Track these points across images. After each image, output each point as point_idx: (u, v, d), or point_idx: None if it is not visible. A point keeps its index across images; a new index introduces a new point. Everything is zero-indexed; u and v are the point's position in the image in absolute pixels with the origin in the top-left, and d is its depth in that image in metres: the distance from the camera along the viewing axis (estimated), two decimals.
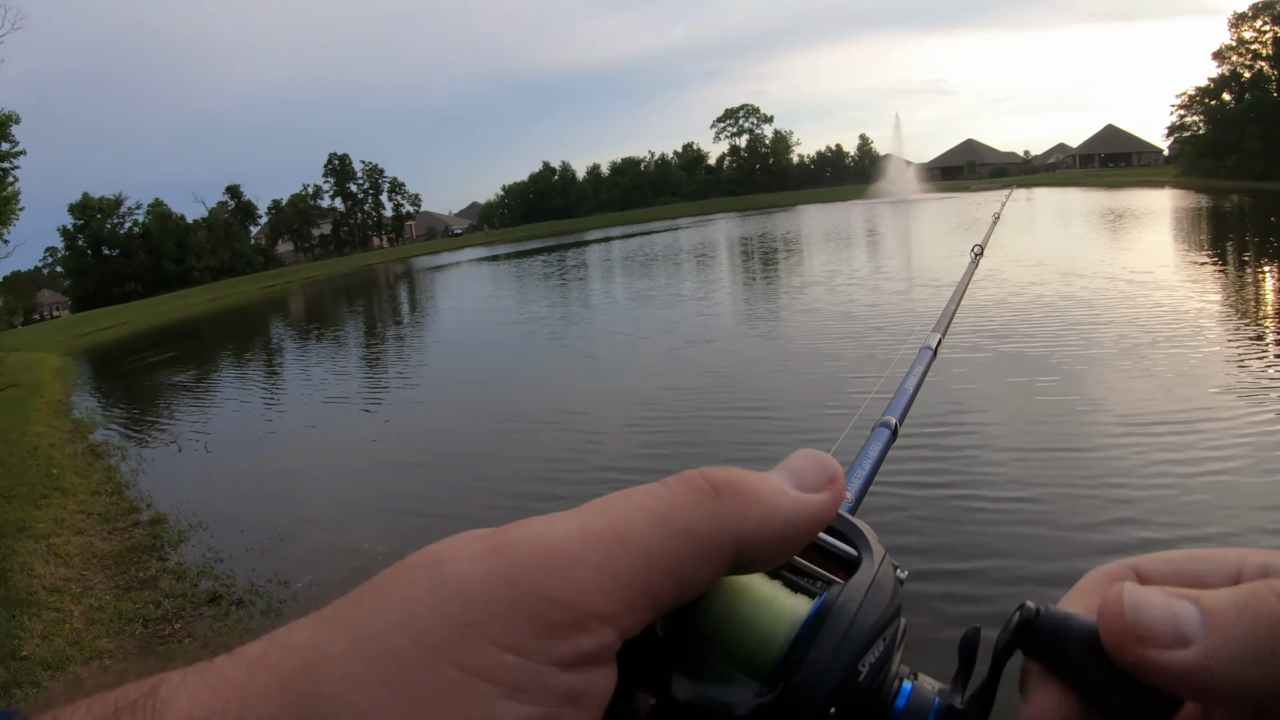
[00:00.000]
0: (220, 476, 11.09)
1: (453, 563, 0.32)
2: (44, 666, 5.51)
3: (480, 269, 51.56)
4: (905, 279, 19.18)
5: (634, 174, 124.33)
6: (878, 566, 0.41)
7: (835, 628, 0.37)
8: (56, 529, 8.70)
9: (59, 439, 14.40)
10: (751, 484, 0.37)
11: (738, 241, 39.86)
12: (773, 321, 16.12)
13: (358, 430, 12.52)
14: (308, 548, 7.78)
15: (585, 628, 0.31)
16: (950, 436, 7.76)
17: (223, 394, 18.60)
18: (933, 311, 8.63)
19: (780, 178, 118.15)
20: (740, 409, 9.91)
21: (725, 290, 22.10)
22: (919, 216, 44.00)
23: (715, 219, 74.41)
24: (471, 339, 21.08)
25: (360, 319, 32.11)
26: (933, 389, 9.25)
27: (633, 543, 0.33)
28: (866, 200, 73.19)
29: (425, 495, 8.75)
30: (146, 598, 6.79)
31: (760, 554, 0.37)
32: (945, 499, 6.43)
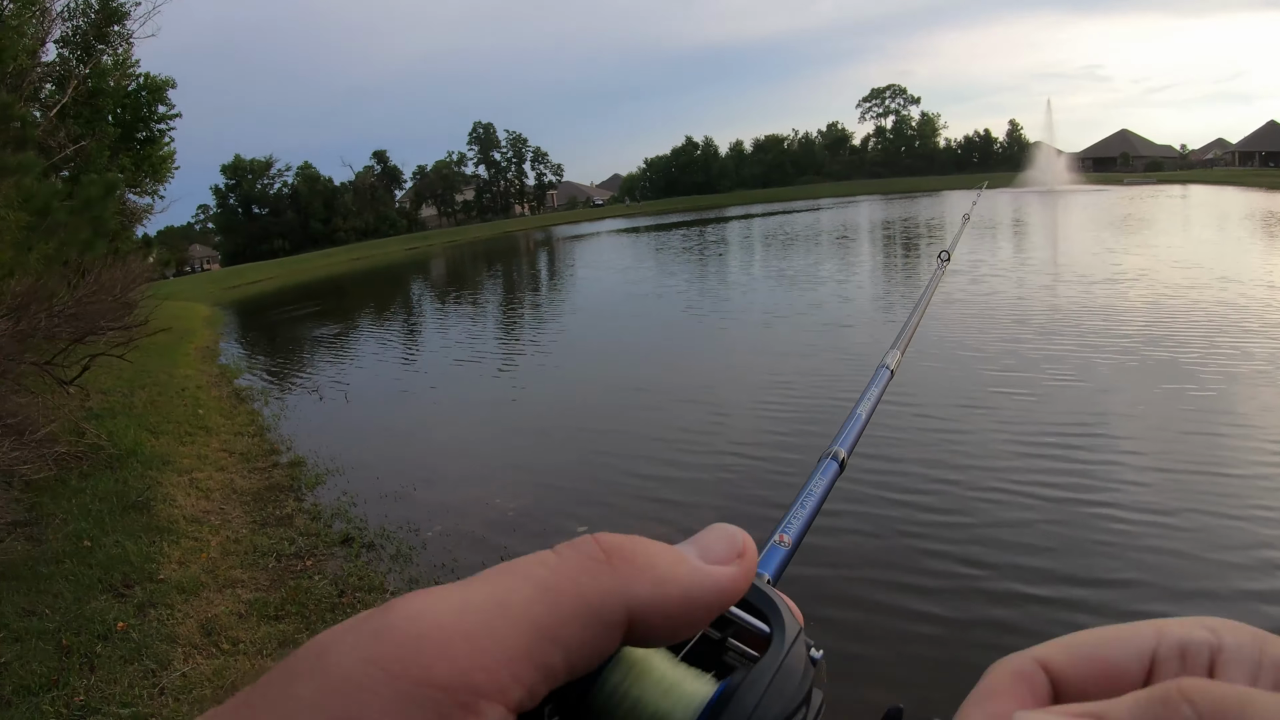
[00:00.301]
0: (358, 426, 11.44)
1: (332, 653, 0.30)
2: (179, 590, 5.70)
3: (620, 240, 51.94)
4: (1051, 274, 18.35)
5: (777, 151, 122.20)
6: (787, 649, 0.38)
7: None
8: (199, 464, 9.03)
9: (206, 382, 15.08)
10: (647, 551, 0.36)
11: (880, 225, 38.89)
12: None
13: (490, 392, 12.79)
14: (438, 499, 7.92)
15: (471, 709, 0.29)
16: (1088, 442, 7.38)
17: (363, 349, 19.21)
18: (1079, 310, 8.16)
19: (926, 161, 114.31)
20: None
21: (865, 274, 21.60)
22: (1068, 209, 41.96)
23: (858, 201, 72.79)
24: (607, 309, 21.25)
25: (499, 284, 32.76)
26: (1075, 393, 8.90)
27: (515, 610, 0.32)
28: (1014, 189, 70.38)
29: (552, 462, 8.87)
30: (281, 534, 7.01)
31: (656, 625, 0.35)
32: (1077, 510, 6.09)
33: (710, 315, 17.27)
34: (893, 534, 5.96)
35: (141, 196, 33.30)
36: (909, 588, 5.19)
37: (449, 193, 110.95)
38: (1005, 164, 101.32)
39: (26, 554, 6.16)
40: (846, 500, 6.44)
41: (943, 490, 6.60)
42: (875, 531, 5.97)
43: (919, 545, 5.73)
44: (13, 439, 7.27)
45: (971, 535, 5.79)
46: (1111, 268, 17.40)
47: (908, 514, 6.23)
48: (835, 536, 6.05)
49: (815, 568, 5.44)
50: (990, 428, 8.01)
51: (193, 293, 44.11)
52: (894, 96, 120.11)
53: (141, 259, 17.20)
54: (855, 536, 5.95)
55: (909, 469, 7.06)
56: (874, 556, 5.64)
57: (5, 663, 4.70)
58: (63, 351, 10.35)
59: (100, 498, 7.55)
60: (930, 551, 5.60)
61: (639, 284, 24.94)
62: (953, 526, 5.96)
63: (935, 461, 7.24)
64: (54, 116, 22.77)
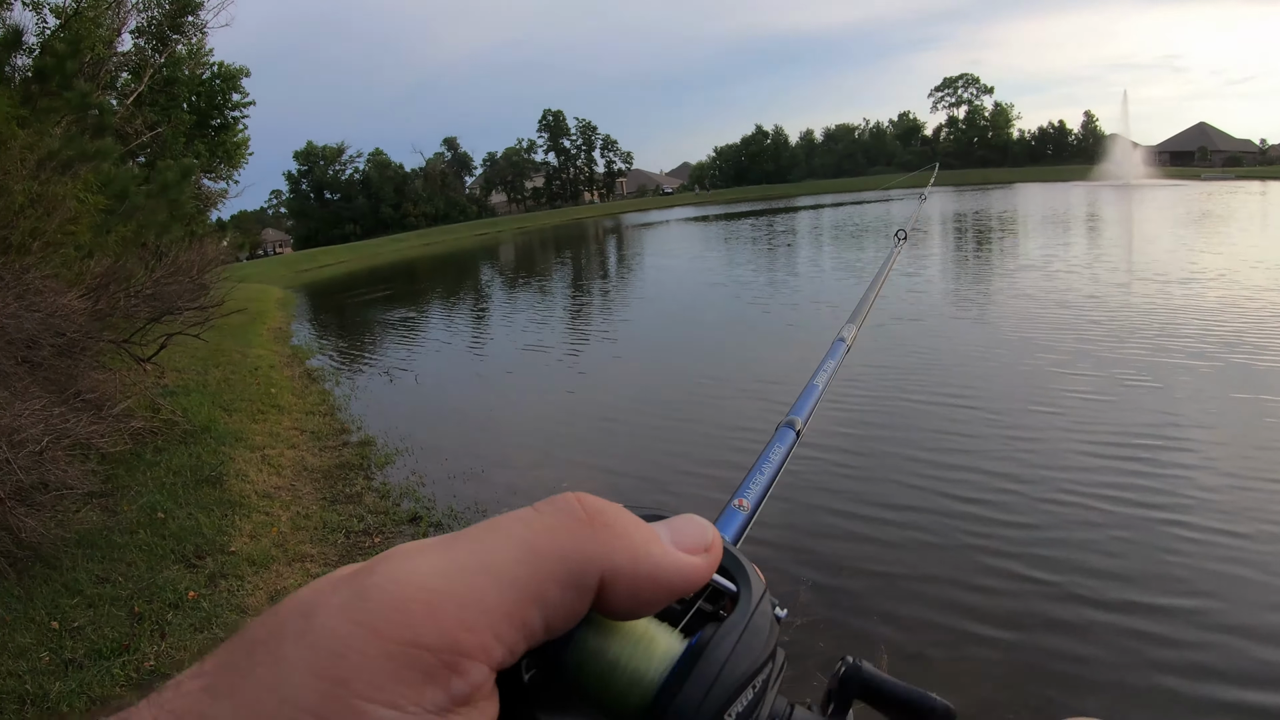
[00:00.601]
0: (428, 408, 11.52)
1: (319, 614, 0.31)
2: (249, 563, 5.75)
3: (689, 228, 51.55)
4: (1126, 270, 17.40)
5: (848, 141, 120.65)
6: (754, 606, 0.39)
7: (705, 674, 0.36)
8: (271, 442, 9.13)
9: (278, 362, 15.32)
10: (626, 521, 0.37)
11: (952, 217, 37.87)
12: (984, 305, 14.98)
13: (558, 379, 12.75)
14: (506, 482, 7.92)
15: (456, 669, 0.31)
16: (1161, 451, 6.91)
17: (433, 332, 19.39)
18: (1154, 310, 7.72)
19: (999, 153, 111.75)
20: (940, 395, 9.23)
21: (936, 267, 20.88)
22: (1144, 203, 39.90)
23: (929, 192, 71.20)
24: (674, 298, 20.98)
25: (567, 271, 32.73)
26: (1147, 397, 8.49)
27: (499, 572, 0.33)
28: (1089, 182, 68.32)
29: (618, 450, 8.80)
30: (351, 511, 7.05)
31: (622, 595, 0.35)
32: (1148, 521, 5.69)
33: (777, 307, 16.90)
34: (954, 539, 5.70)
35: (216, 181, 34.12)
36: (969, 594, 4.92)
37: (519, 179, 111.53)
38: (1080, 156, 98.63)
39: (102, 524, 6.28)
40: (908, 502, 6.26)
41: (1008, 497, 6.27)
42: (937, 535, 5.73)
43: (981, 555, 5.43)
44: (91, 413, 7.41)
45: (1035, 542, 5.50)
46: (1189, 266, 16.50)
47: (970, 520, 5.92)
48: (897, 531, 5.87)
49: (873, 571, 5.27)
50: (1059, 432, 7.61)
51: (266, 275, 45.00)
52: (966, 86, 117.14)
53: (216, 242, 17.54)
54: (916, 533, 5.76)
55: (973, 474, 6.75)
56: (936, 562, 5.38)
57: (79, 627, 4.78)
58: (140, 330, 10.58)
59: (174, 471, 7.69)
60: (993, 567, 5.24)
61: (706, 273, 24.68)
62: (1017, 534, 5.66)
63: (1001, 465, 6.91)
64: (131, 104, 23.36)
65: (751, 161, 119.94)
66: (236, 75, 35.12)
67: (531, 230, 74.19)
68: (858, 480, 6.90)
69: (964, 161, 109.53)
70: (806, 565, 5.43)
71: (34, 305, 7.15)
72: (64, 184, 9.93)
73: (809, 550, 5.70)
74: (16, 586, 5.28)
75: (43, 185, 9.47)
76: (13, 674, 4.32)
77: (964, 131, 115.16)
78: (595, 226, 69.31)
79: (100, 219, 11.59)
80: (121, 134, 19.57)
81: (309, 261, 59.47)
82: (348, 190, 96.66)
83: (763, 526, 3.66)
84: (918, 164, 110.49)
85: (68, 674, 4.31)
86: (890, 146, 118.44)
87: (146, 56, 26.32)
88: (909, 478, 6.86)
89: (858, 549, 5.67)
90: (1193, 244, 21.44)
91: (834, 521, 6.12)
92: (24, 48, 14.19)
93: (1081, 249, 22.25)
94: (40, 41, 16.50)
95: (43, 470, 5.80)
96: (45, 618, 4.90)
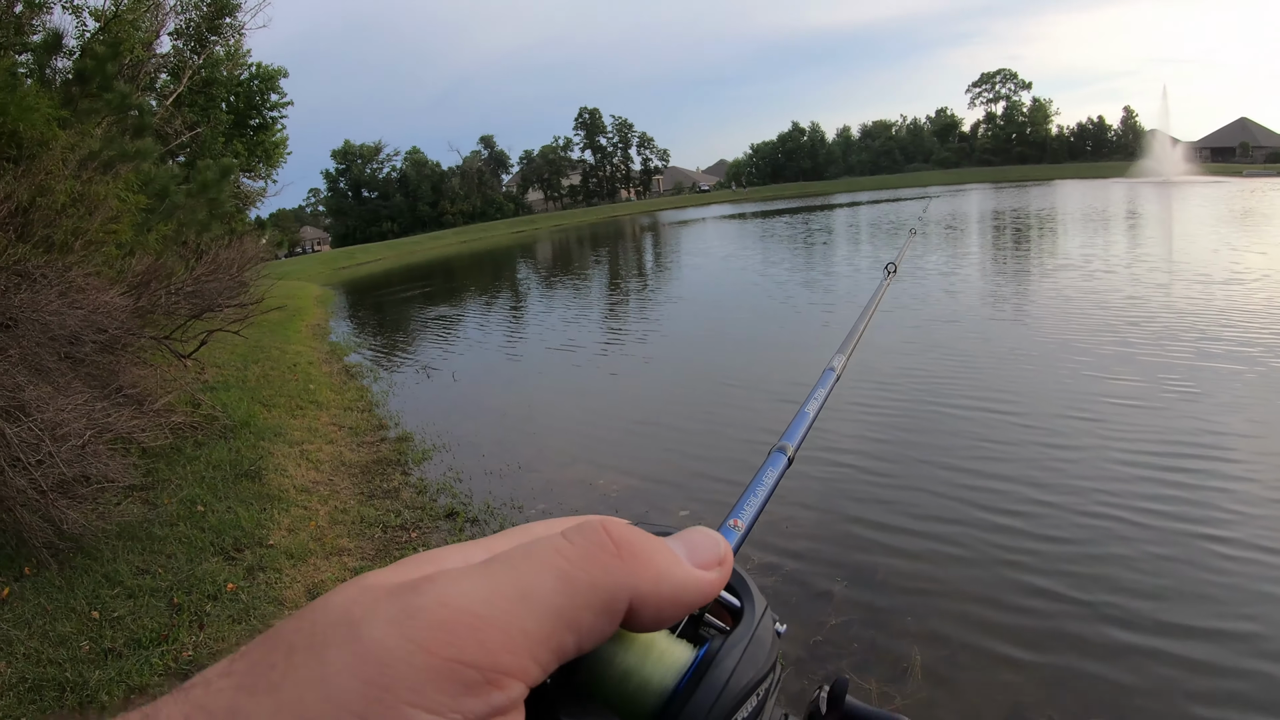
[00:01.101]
0: (465, 404, 11.56)
1: (366, 626, 0.33)
2: (287, 556, 5.79)
3: (725, 226, 51.19)
4: (1167, 271, 16.74)
5: (884, 138, 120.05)
6: (758, 620, 0.43)
7: (713, 683, 0.39)
8: (310, 437, 9.19)
9: (317, 358, 15.44)
10: (650, 547, 0.39)
11: (990, 215, 37.26)
12: (1021, 305, 14.55)
13: (595, 377, 12.78)
14: (543, 478, 7.91)
15: (496, 684, 0.33)
16: (1203, 463, 6.61)
17: (469, 330, 19.47)
18: (1196, 312, 7.44)
19: (1038, 149, 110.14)
20: (976, 401, 8.92)
21: (974, 266, 20.34)
22: (1184, 201, 38.69)
23: (968, 189, 70.04)
24: (708, 297, 20.73)
25: (603, 268, 32.60)
26: (1190, 405, 8.12)
27: (538, 602, 0.35)
28: (1128, 179, 67.21)
29: (654, 449, 8.70)
30: (388, 506, 7.07)
31: (647, 614, 0.38)
32: (1187, 537, 5.44)
33: (810, 309, 16.56)
34: (986, 553, 5.49)
35: (255, 180, 34.56)
36: (999, 612, 4.73)
37: (555, 177, 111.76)
38: (1120, 152, 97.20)
39: (142, 516, 6.34)
40: (939, 513, 6.12)
41: (1042, 509, 6.03)
42: (968, 548, 5.57)
43: (1014, 570, 5.22)
44: (132, 408, 7.50)
45: (1069, 559, 5.28)
46: (1231, 267, 15.94)
47: (1003, 532, 5.70)
48: (927, 543, 5.76)
49: (902, 586, 5.16)
50: (1096, 440, 7.32)
51: (304, 273, 45.50)
52: (1004, 81, 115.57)
53: (255, 240, 17.73)
54: (946, 546, 5.62)
55: (1006, 485, 6.54)
56: (967, 577, 5.20)
57: (118, 617, 4.83)
58: (181, 327, 10.69)
59: (214, 466, 7.76)
60: (1025, 584, 5.01)
61: (741, 272, 24.38)
62: (1050, 549, 5.42)
63: (1035, 476, 6.65)
64: (170, 105, 23.68)
65: (788, 159, 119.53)
66: (274, 76, 35.56)
67: (568, 228, 74.32)
68: (888, 488, 6.73)
69: (1002, 158, 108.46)
70: (835, 577, 5.32)
71: (76, 302, 7.23)
72: (105, 183, 10.05)
73: (838, 562, 5.58)
74: (58, 577, 5.35)
75: (84, 185, 9.59)
76: (53, 662, 4.37)
77: (1002, 128, 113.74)
78: (632, 224, 69.18)
79: (141, 217, 11.74)
80: (161, 134, 19.85)
81: (347, 259, 59.97)
82: (385, 188, 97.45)
83: (789, 536, 3.58)
84: (955, 162, 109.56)
85: (107, 663, 4.35)
86: (928, 143, 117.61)
87: (185, 58, 26.67)
88: (940, 486, 6.68)
89: (887, 562, 5.50)
90: (1235, 243, 20.71)
91: (863, 532, 5.98)
92: (64, 50, 14.43)
93: (1121, 248, 21.63)
94: (80, 44, 16.73)
95: (84, 464, 5.86)
96: (86, 608, 4.95)
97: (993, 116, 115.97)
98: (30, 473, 5.31)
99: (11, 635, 4.60)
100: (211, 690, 0.32)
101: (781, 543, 5.86)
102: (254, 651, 0.34)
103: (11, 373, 5.78)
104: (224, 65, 29.60)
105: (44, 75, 13.59)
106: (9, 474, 5.19)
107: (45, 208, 8.64)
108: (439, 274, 40.27)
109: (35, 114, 9.37)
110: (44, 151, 9.33)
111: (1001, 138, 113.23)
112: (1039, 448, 7.29)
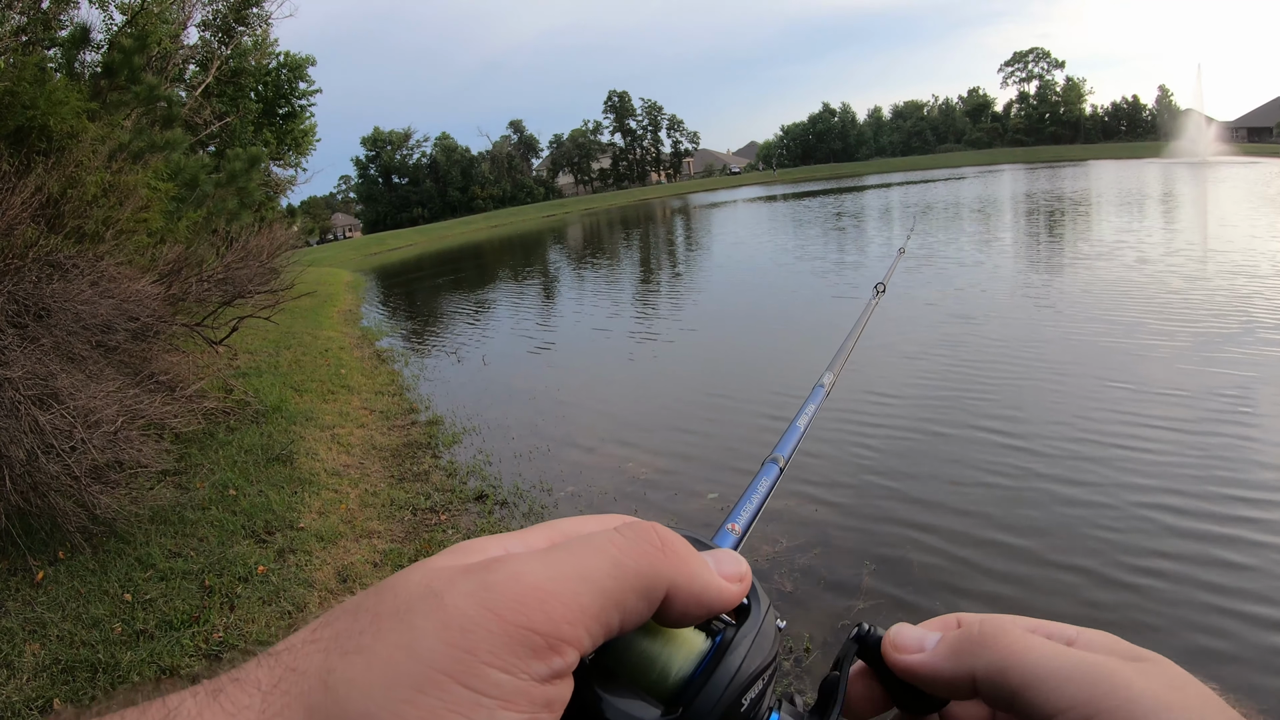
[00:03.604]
0: (495, 388, 11.57)
1: (449, 596, 0.38)
2: (317, 539, 5.83)
3: (756, 208, 50.82)
4: (1200, 260, 15.26)
5: (916, 118, 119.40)
6: (763, 616, 0.49)
7: (727, 668, 0.45)
8: (341, 421, 9.25)
9: (348, 343, 15.54)
10: (688, 551, 0.46)
11: (1023, 198, 36.17)
12: (1047, 299, 13.15)
13: (624, 359, 12.78)
14: (572, 461, 7.92)
15: (557, 651, 0.38)
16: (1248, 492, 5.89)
17: (500, 314, 19.51)
18: (1236, 305, 7.06)
19: (1071, 129, 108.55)
20: (985, 424, 8.47)
21: (1007, 257, 18.80)
22: (1219, 183, 37.03)
23: (1000, 170, 68.87)
24: (741, 280, 20.60)
25: (634, 252, 32.42)
26: (1235, 410, 7.32)
27: (594, 583, 0.41)
28: (1163, 159, 65.68)
29: (684, 431, 8.62)
30: (418, 489, 7.11)
31: (676, 609, 0.45)
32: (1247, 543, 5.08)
33: (838, 297, 15.54)
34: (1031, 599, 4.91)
35: (285, 169, 34.95)
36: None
37: (585, 161, 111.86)
38: (1155, 132, 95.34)
39: (175, 500, 6.41)
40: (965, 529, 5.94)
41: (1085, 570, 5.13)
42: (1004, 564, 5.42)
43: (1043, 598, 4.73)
44: (164, 394, 7.58)
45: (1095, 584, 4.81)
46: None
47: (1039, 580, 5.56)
48: (959, 552, 5.66)
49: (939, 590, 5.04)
50: (1120, 477, 6.24)
51: (335, 259, 45.81)
52: (1037, 60, 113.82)
53: (286, 227, 17.81)
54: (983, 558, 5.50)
55: (1046, 552, 6.05)
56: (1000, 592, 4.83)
57: (150, 599, 4.89)
58: (212, 314, 10.78)
59: (246, 450, 7.83)
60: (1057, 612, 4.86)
61: (773, 254, 24.02)
62: (1074, 578, 4.88)
63: (1070, 538, 5.44)
64: (199, 95, 23.83)
65: (819, 140, 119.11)
66: (303, 64, 35.78)
67: (599, 211, 74.24)
68: (919, 507, 6.52)
69: (1035, 138, 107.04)
70: (860, 589, 5.25)
71: (108, 291, 7.31)
72: (135, 173, 10.15)
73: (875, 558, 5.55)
74: (92, 560, 5.42)
75: (114, 175, 9.68)
76: (86, 644, 4.43)
77: (1035, 108, 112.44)
78: (662, 207, 68.92)
79: (172, 206, 11.84)
80: (190, 124, 20.02)
81: (378, 245, 60.32)
82: (415, 174, 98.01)
83: (826, 549, 3.45)
84: (988, 142, 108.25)
85: (139, 644, 4.40)
86: (960, 123, 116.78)
87: (213, 49, 26.85)
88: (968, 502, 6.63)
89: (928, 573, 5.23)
90: (1270, 230, 18.91)
91: (899, 547, 5.65)
92: (92, 44, 14.55)
93: (1157, 235, 19.80)
94: (107, 38, 16.88)
95: (117, 449, 5.93)
96: (119, 590, 5.02)
97: (1025, 96, 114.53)
98: (64, 459, 5.38)
99: (46, 618, 4.68)
100: (300, 654, 0.38)
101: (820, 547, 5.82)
102: (339, 620, 0.39)
103: (45, 361, 5.84)
104: (252, 55, 29.78)
105: (72, 69, 13.73)
106: (43, 460, 5.26)
107: (76, 199, 8.74)
108: (469, 259, 40.42)
109: (64, 107, 9.45)
110: (74, 144, 9.42)
111: (1034, 118, 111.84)
112: (1061, 510, 6.96)
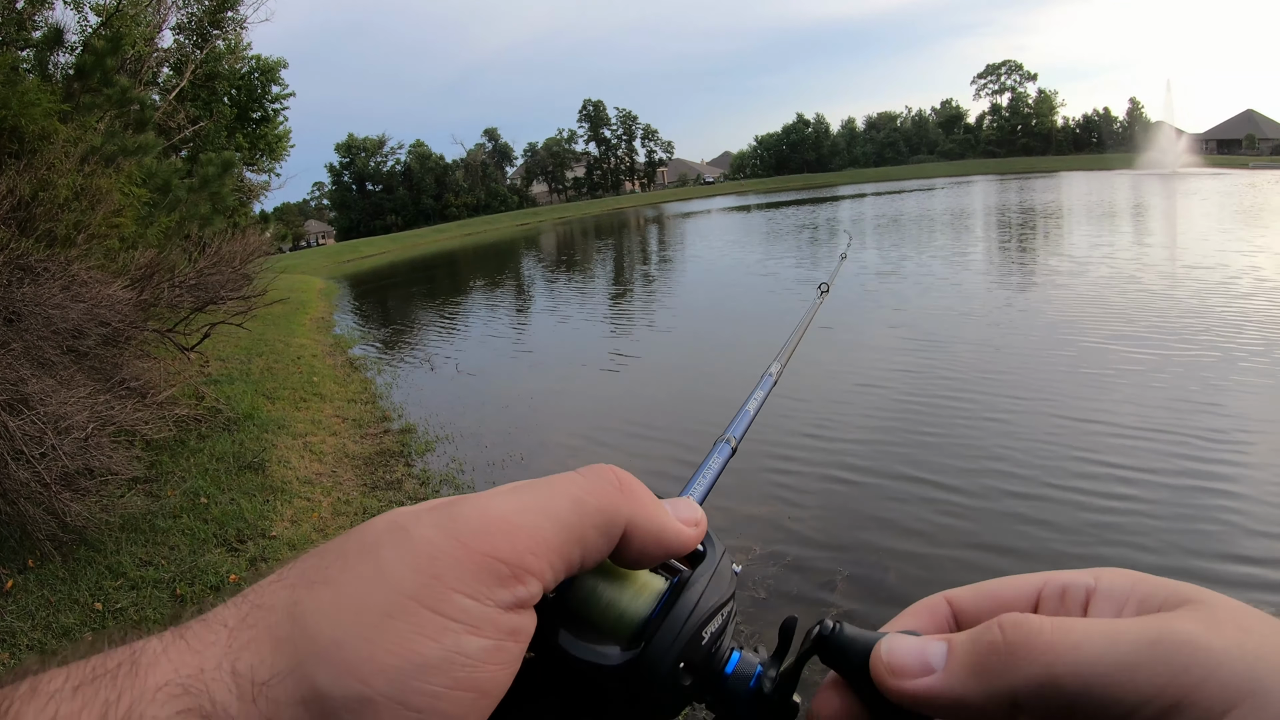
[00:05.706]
0: (468, 396, 11.56)
1: (415, 528, 0.40)
2: (290, 546, 5.83)
3: (730, 218, 51.03)
4: (1168, 273, 15.10)
5: (889, 129, 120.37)
6: (718, 559, 0.51)
7: (685, 603, 0.47)
8: (313, 429, 9.22)
9: (320, 351, 15.48)
10: (644, 493, 0.48)
11: (995, 210, 36.32)
12: (1009, 319, 12.84)
13: (597, 367, 12.82)
14: (545, 468, 7.72)
15: (521, 580, 0.40)
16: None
17: (474, 321, 19.50)
18: (1208, 319, 7.09)
19: (1043, 141, 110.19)
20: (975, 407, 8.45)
21: (977, 267, 19.00)
22: (1188, 194, 37.64)
23: (972, 180, 69.69)
24: (709, 289, 20.69)
25: (607, 260, 32.49)
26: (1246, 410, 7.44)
27: (556, 517, 0.42)
28: (1133, 171, 66.89)
29: (658, 438, 8.65)
30: (391, 498, 7.12)
31: (634, 547, 0.46)
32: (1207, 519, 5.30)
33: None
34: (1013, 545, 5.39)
35: (259, 174, 34.63)
36: None
37: (559, 170, 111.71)
38: (1126, 144, 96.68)
39: (146, 508, 6.37)
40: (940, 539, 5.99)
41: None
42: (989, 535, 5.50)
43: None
44: (135, 401, 7.52)
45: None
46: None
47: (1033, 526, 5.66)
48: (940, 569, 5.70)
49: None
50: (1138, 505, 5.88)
51: (308, 266, 45.44)
52: (1010, 73, 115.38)
53: (259, 233, 17.67)
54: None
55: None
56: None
57: (121, 608, 4.85)
58: (184, 320, 10.71)
59: (217, 458, 7.79)
60: None
61: (745, 266, 24.00)
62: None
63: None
64: (172, 99, 23.64)
65: (792, 150, 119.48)
66: (274, 68, 35.59)
67: (573, 220, 74.27)
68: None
69: (1007, 150, 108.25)
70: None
71: (79, 296, 7.24)
72: (108, 177, 10.06)
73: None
74: (61, 569, 5.37)
75: (86, 179, 9.59)
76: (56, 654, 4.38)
77: (1007, 119, 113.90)
78: (636, 216, 69.05)
79: (144, 211, 11.74)
80: (164, 128, 19.85)
81: (351, 252, 59.92)
82: (389, 181, 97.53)
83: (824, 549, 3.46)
84: (960, 153, 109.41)
85: None
86: (932, 134, 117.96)
87: (187, 52, 26.63)
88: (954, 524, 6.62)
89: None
90: (1240, 245, 18.44)
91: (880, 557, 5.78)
92: (65, 46, 14.43)
93: (1126, 246, 20.01)
94: (81, 39, 16.72)
95: (88, 456, 5.89)
96: (89, 599, 4.98)
97: (998, 108, 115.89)
98: (34, 465, 5.34)
99: (15, 627, 4.63)
100: (267, 591, 0.39)
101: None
102: (305, 560, 0.40)
103: (15, 366, 5.79)
104: (226, 59, 29.59)
105: (45, 70, 13.60)
106: (12, 467, 5.21)
107: (47, 202, 8.65)
108: (443, 267, 40.31)
109: (36, 109, 9.37)
110: (45, 146, 9.33)
111: (1006, 129, 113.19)
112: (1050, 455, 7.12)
